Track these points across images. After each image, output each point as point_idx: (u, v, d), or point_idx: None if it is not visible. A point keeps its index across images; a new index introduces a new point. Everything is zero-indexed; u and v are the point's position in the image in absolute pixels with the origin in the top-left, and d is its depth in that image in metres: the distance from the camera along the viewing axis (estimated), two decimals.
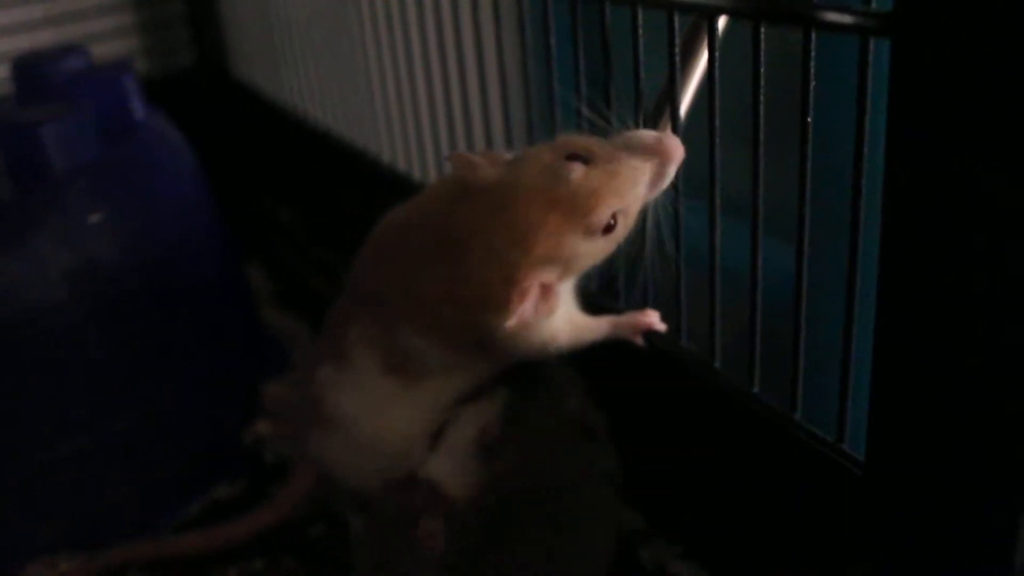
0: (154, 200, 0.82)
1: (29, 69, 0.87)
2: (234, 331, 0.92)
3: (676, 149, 0.51)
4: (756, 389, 0.53)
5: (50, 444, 0.74)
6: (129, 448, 0.78)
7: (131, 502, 0.79)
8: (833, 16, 0.40)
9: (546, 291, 0.53)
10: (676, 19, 0.51)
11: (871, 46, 0.41)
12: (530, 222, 0.51)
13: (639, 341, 0.60)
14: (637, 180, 0.51)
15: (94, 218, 0.75)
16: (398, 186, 0.90)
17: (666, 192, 0.53)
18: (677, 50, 0.52)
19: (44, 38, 1.14)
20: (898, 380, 0.42)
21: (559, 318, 0.57)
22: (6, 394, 0.73)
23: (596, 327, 0.59)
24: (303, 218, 1.15)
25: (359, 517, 0.67)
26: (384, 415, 0.63)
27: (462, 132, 0.78)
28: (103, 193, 0.77)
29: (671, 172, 0.52)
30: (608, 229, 0.52)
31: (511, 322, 0.52)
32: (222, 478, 0.82)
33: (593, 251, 0.53)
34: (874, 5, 0.40)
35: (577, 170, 0.51)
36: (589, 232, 0.51)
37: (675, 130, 0.53)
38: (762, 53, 0.46)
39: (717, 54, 0.49)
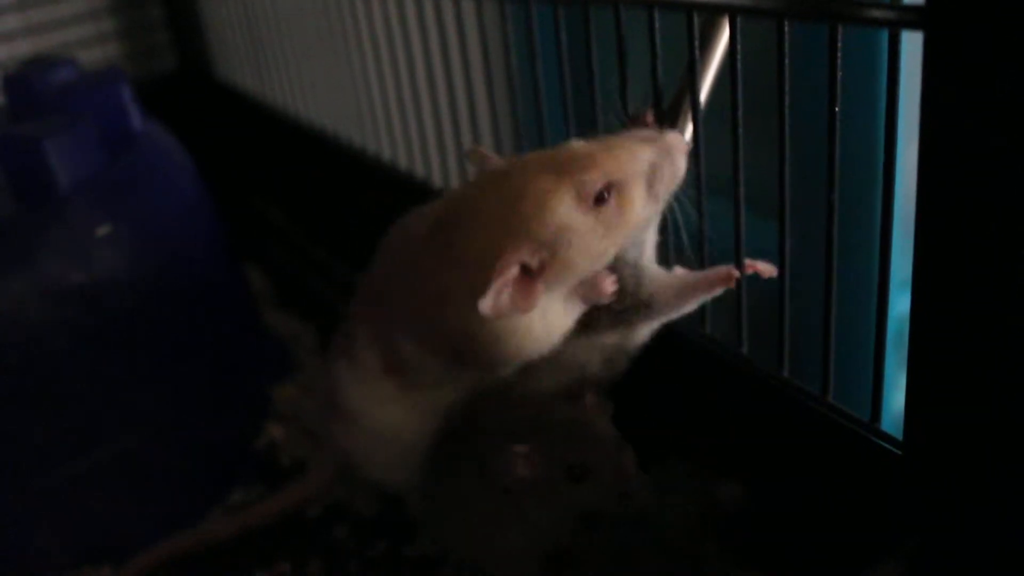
0: (157, 209, 0.81)
1: (20, 83, 0.86)
2: (239, 335, 0.92)
3: (677, 139, 0.51)
4: (786, 373, 0.54)
5: (64, 460, 0.74)
6: (144, 459, 0.78)
7: (149, 512, 0.79)
8: (864, 11, 0.41)
9: (526, 280, 0.51)
10: (695, 19, 0.51)
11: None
12: (523, 184, 0.51)
13: None
14: (635, 155, 0.50)
15: (100, 231, 0.75)
16: (390, 181, 0.90)
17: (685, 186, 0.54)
18: (688, 50, 0.53)
19: (23, 48, 1.12)
20: (937, 354, 0.42)
21: (539, 321, 0.54)
22: (20, 412, 0.72)
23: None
24: (296, 218, 1.15)
25: None
26: (387, 414, 0.64)
27: (449, 125, 0.79)
28: (108, 206, 0.76)
29: (679, 165, 0.51)
30: (600, 200, 0.50)
31: (484, 304, 0.49)
32: (237, 484, 0.82)
33: (584, 229, 0.50)
34: None
35: (578, 142, 0.52)
36: (580, 197, 0.50)
37: (696, 129, 0.54)
38: (786, 49, 0.47)
39: (739, 53, 0.49)
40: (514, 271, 0.50)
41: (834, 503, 0.52)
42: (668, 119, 0.56)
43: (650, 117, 0.56)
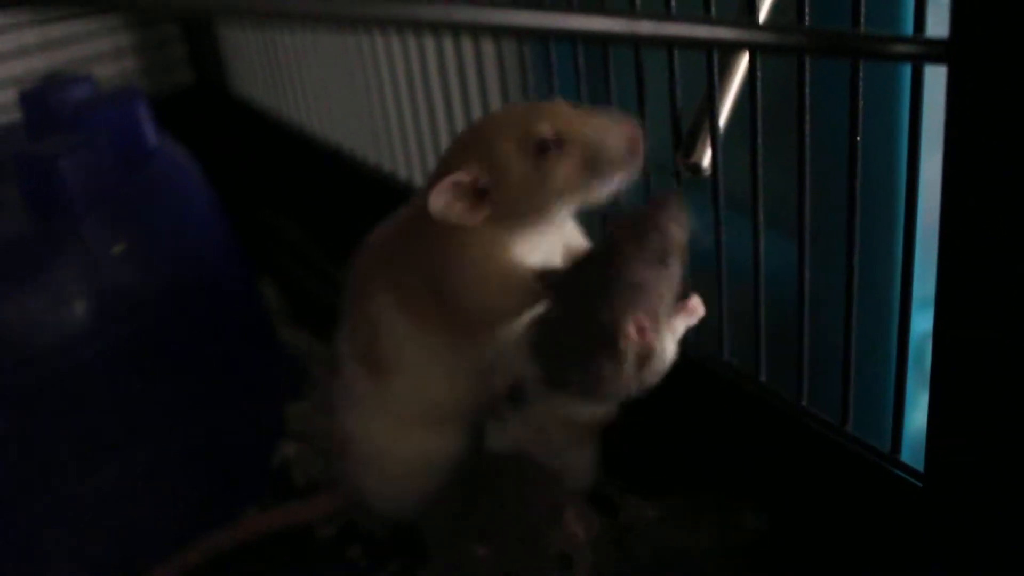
0: (172, 226, 0.81)
1: (37, 99, 0.86)
2: (254, 352, 0.92)
3: (628, 131, 0.54)
4: (804, 402, 0.54)
5: (75, 475, 0.74)
6: (155, 475, 0.78)
7: (160, 528, 0.79)
8: (887, 46, 0.40)
9: (467, 189, 0.55)
10: (715, 57, 0.51)
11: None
12: (492, 119, 0.59)
13: None
14: (586, 122, 0.55)
15: (115, 248, 0.75)
16: (405, 199, 0.90)
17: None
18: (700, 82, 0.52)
19: (39, 63, 1.12)
20: (960, 378, 0.42)
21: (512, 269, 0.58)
22: (34, 429, 0.72)
23: None
24: (311, 234, 1.15)
25: None
26: (369, 422, 0.66)
27: None
28: (123, 223, 0.77)
29: (625, 151, 0.54)
30: (542, 148, 0.54)
31: (433, 201, 0.54)
32: (251, 502, 0.82)
33: (521, 170, 0.54)
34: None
35: (562, 102, 0.57)
36: (525, 138, 0.54)
37: (715, 166, 0.54)
38: (807, 84, 0.46)
39: (759, 81, 0.49)
40: (462, 177, 0.55)
41: (853, 536, 0.52)
42: (686, 144, 0.56)
43: None
